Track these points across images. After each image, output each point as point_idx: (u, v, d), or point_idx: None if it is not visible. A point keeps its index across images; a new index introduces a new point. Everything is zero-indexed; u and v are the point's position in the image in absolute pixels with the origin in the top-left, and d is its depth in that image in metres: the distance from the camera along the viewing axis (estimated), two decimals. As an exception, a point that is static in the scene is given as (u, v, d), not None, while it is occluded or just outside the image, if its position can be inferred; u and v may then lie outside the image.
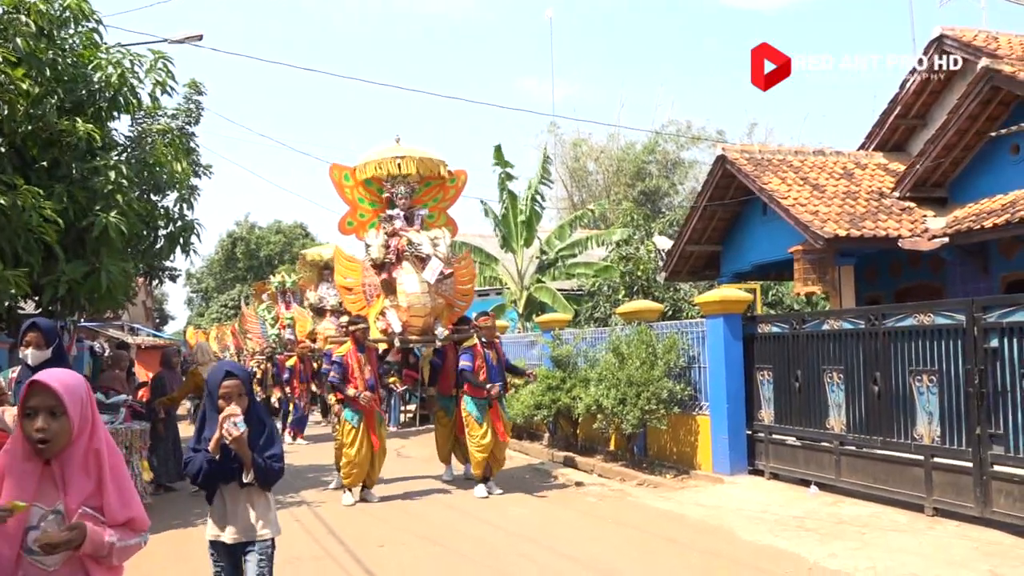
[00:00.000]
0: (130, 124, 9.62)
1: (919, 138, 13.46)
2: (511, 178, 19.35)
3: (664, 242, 21.33)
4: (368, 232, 9.85)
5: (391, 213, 9.83)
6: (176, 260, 10.58)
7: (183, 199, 9.69)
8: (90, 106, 8.65)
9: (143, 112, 9.54)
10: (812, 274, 12.05)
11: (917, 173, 12.27)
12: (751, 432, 9.30)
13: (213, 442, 3.59)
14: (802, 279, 12.09)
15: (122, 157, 8.90)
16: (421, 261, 9.48)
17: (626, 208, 20.80)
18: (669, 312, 15.91)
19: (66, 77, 8.39)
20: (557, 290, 19.03)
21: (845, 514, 7.33)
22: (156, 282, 11.74)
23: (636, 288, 17.42)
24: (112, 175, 8.05)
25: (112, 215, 7.93)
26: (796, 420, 8.66)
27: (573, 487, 9.59)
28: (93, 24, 8.94)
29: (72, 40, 8.92)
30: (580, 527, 7.56)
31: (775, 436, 8.98)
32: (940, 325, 6.95)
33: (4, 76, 7.32)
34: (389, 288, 9.55)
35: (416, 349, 10.05)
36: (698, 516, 7.67)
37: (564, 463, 11.22)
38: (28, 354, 5.41)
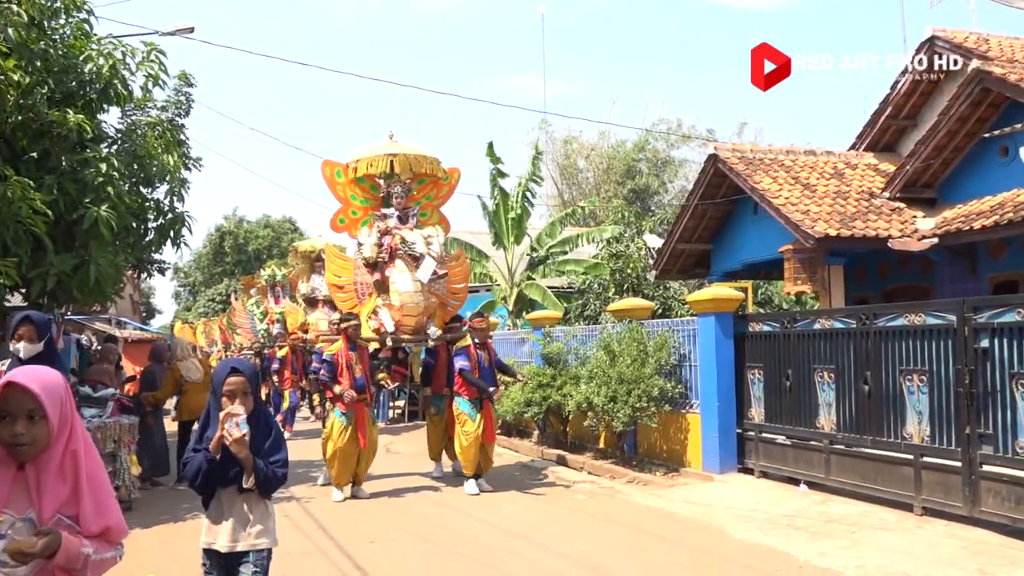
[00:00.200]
0: (120, 116, 9.54)
1: (909, 139, 13.53)
2: (502, 175, 19.32)
3: (654, 240, 21.37)
4: (360, 230, 9.73)
5: (385, 211, 9.74)
6: (165, 253, 10.53)
7: (173, 192, 9.61)
8: (80, 97, 8.57)
9: (133, 104, 9.46)
10: (802, 273, 12.10)
11: (907, 174, 12.34)
12: (741, 431, 9.33)
13: (214, 442, 3.41)
14: (792, 278, 12.14)
15: (112, 149, 8.83)
16: (414, 260, 9.40)
17: (617, 206, 20.83)
18: (659, 310, 15.94)
19: (57, 68, 8.32)
20: (547, 287, 19.02)
21: (835, 513, 7.38)
22: (145, 275, 11.68)
23: (626, 286, 17.44)
24: (103, 167, 7.99)
25: (103, 208, 7.88)
26: (786, 419, 8.70)
27: (563, 484, 9.60)
28: (84, 15, 8.87)
29: (63, 30, 8.84)
30: (570, 524, 7.56)
31: (765, 435, 9.02)
32: (931, 325, 7.00)
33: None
34: (382, 287, 9.48)
35: (406, 346, 10.01)
36: (688, 514, 7.70)
37: (554, 460, 11.23)
38: (20, 348, 5.34)
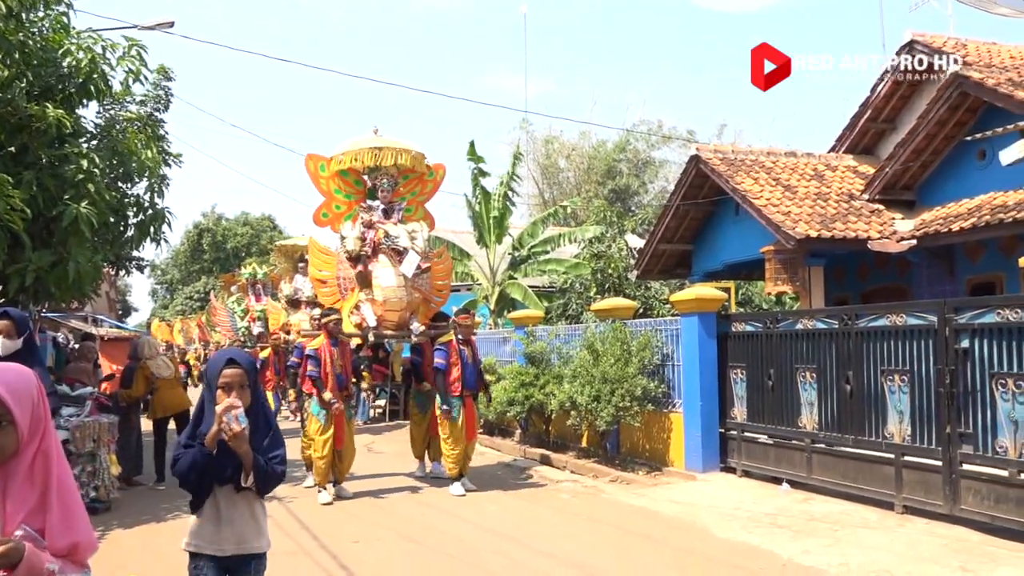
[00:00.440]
0: (98, 110, 9.40)
1: (888, 142, 13.70)
2: (484, 174, 19.32)
3: (635, 240, 21.45)
4: (343, 224, 9.64)
5: (371, 203, 9.65)
6: (145, 250, 10.40)
7: (153, 188, 9.48)
8: (59, 92, 8.43)
9: (112, 99, 9.32)
10: (783, 274, 12.20)
11: (886, 176, 12.48)
12: (723, 430, 9.37)
13: (210, 436, 3.21)
14: (773, 279, 12.24)
15: (92, 144, 8.70)
16: (398, 254, 9.32)
17: (599, 206, 20.86)
18: (640, 310, 16.00)
19: (35, 61, 8.18)
20: (529, 287, 19.04)
21: (816, 511, 7.43)
22: (123, 273, 11.54)
23: (608, 286, 17.50)
24: (83, 163, 7.87)
25: (82, 205, 7.76)
26: (768, 418, 8.75)
27: (546, 484, 9.60)
28: (63, 8, 8.74)
29: (42, 24, 8.70)
30: (555, 523, 7.56)
31: (747, 434, 9.07)
32: (912, 326, 7.07)
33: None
34: (364, 281, 9.38)
35: (387, 344, 9.94)
36: (672, 513, 7.72)
37: (536, 459, 11.23)
38: None
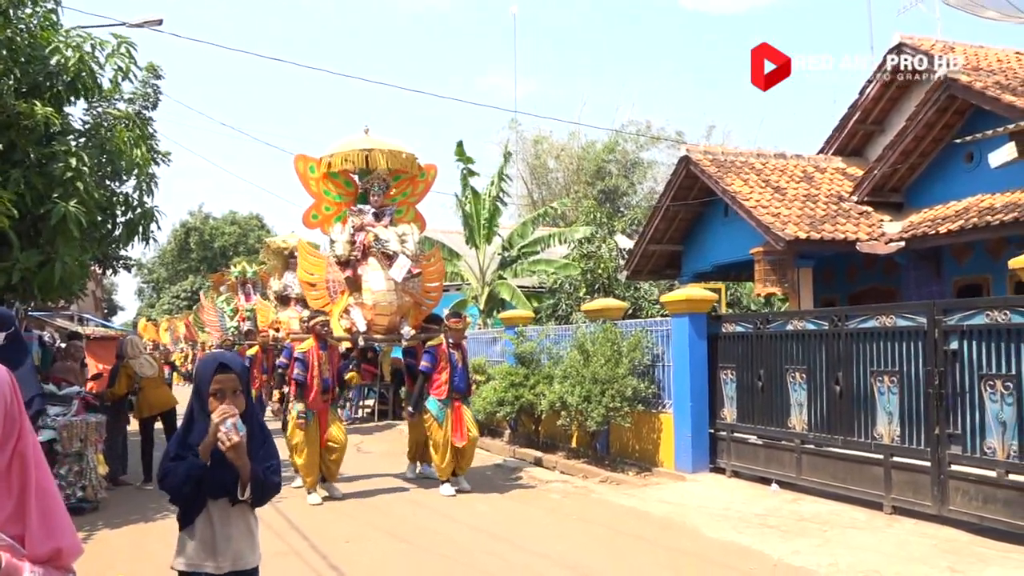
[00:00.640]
0: (85, 108, 9.32)
1: (877, 144, 13.77)
2: (473, 174, 19.33)
3: (624, 241, 21.49)
4: (333, 226, 9.54)
5: (361, 207, 9.56)
6: (132, 249, 10.32)
7: (141, 186, 9.41)
8: (47, 89, 8.35)
9: (100, 96, 9.24)
10: (772, 275, 12.25)
11: (875, 178, 12.55)
12: (713, 430, 9.40)
13: (205, 446, 2.98)
14: (762, 280, 12.28)
15: (80, 142, 8.62)
16: (388, 258, 9.24)
17: (588, 206, 20.89)
18: (630, 311, 16.02)
19: (23, 58, 8.10)
20: (519, 287, 19.05)
21: (806, 512, 7.46)
22: (111, 272, 11.45)
23: (597, 286, 17.53)
24: (72, 161, 7.80)
25: (71, 204, 7.68)
26: (758, 419, 8.79)
27: (537, 484, 9.60)
28: (51, 5, 8.66)
29: (29, 20, 8.62)
30: (546, 524, 7.56)
31: (737, 434, 9.10)
32: (902, 327, 7.11)
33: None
34: (354, 285, 9.32)
35: (376, 345, 9.90)
36: (662, 513, 7.74)
37: (526, 460, 11.23)
38: None
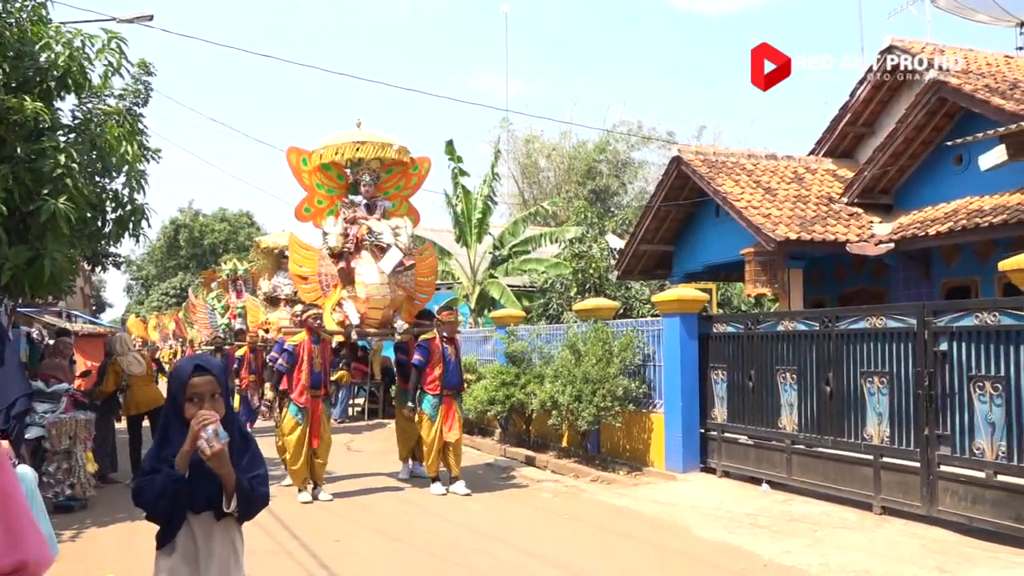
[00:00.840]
0: (75, 104, 9.25)
1: (867, 146, 13.83)
2: (463, 173, 19.32)
3: (615, 241, 21.50)
4: (326, 219, 9.44)
5: (352, 199, 9.48)
6: (123, 246, 10.26)
7: (132, 183, 9.34)
8: (36, 85, 8.29)
9: (90, 92, 9.17)
10: (763, 276, 12.29)
11: (865, 180, 12.62)
12: (704, 430, 9.43)
13: (182, 456, 2.69)
14: (753, 280, 12.32)
15: (70, 138, 8.56)
16: (381, 251, 9.17)
17: (579, 206, 20.90)
18: (621, 310, 16.04)
19: (12, 53, 8.03)
20: (510, 286, 19.06)
21: (796, 512, 7.50)
22: (100, 269, 11.39)
23: (588, 286, 17.53)
24: (61, 158, 7.74)
25: (61, 200, 7.62)
26: (749, 419, 8.82)
27: (528, 483, 9.61)
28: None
29: (19, 15, 8.54)
30: (537, 523, 7.57)
31: (728, 434, 9.13)
32: (892, 328, 7.15)
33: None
34: (347, 278, 9.26)
35: (368, 342, 9.85)
36: (653, 513, 7.76)
37: (517, 459, 11.23)
38: None
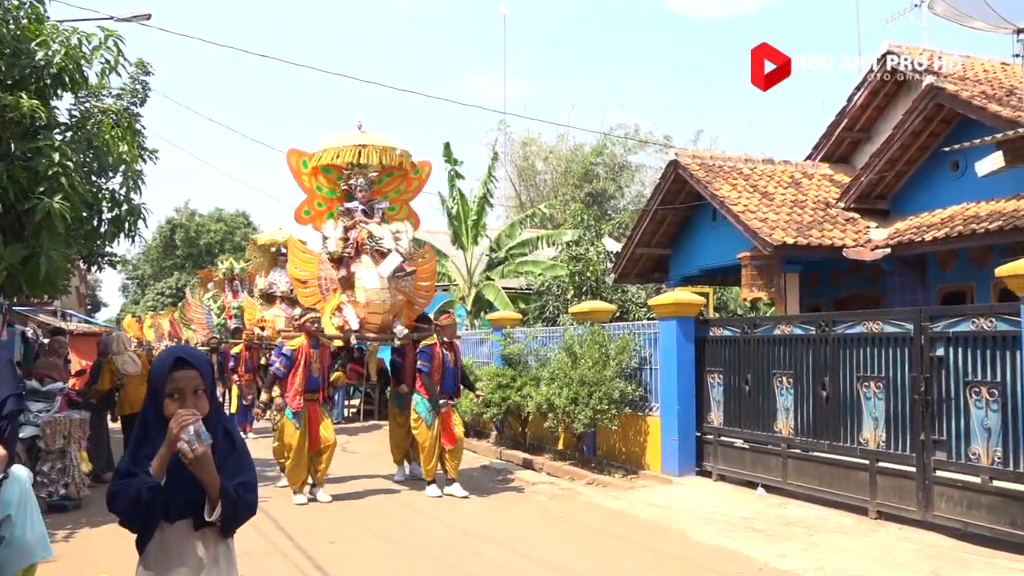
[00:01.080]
0: (72, 102, 9.23)
1: (864, 151, 13.86)
2: (460, 176, 19.34)
3: (612, 244, 21.51)
4: (326, 223, 9.44)
5: (349, 206, 9.45)
6: (119, 246, 10.23)
7: (128, 182, 9.31)
8: (33, 82, 8.26)
9: (87, 91, 9.15)
10: (759, 280, 12.30)
11: (861, 185, 12.64)
12: (700, 434, 9.43)
13: (159, 460, 2.40)
14: (749, 285, 12.32)
15: (66, 136, 8.54)
16: (382, 256, 9.12)
17: (576, 209, 20.91)
18: (617, 313, 16.04)
19: (8, 50, 8.01)
20: (504, 288, 19.06)
21: (792, 516, 7.50)
22: (96, 268, 11.33)
23: (585, 288, 17.53)
24: (57, 156, 7.71)
25: (56, 199, 7.59)
26: (745, 423, 8.82)
27: (523, 485, 9.59)
28: (38, -3, 8.56)
29: (16, 13, 8.52)
30: (533, 525, 7.57)
31: (723, 438, 9.13)
32: (888, 333, 7.16)
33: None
34: (347, 283, 9.23)
35: (362, 344, 9.81)
36: (649, 516, 7.75)
37: (512, 461, 11.22)
38: None
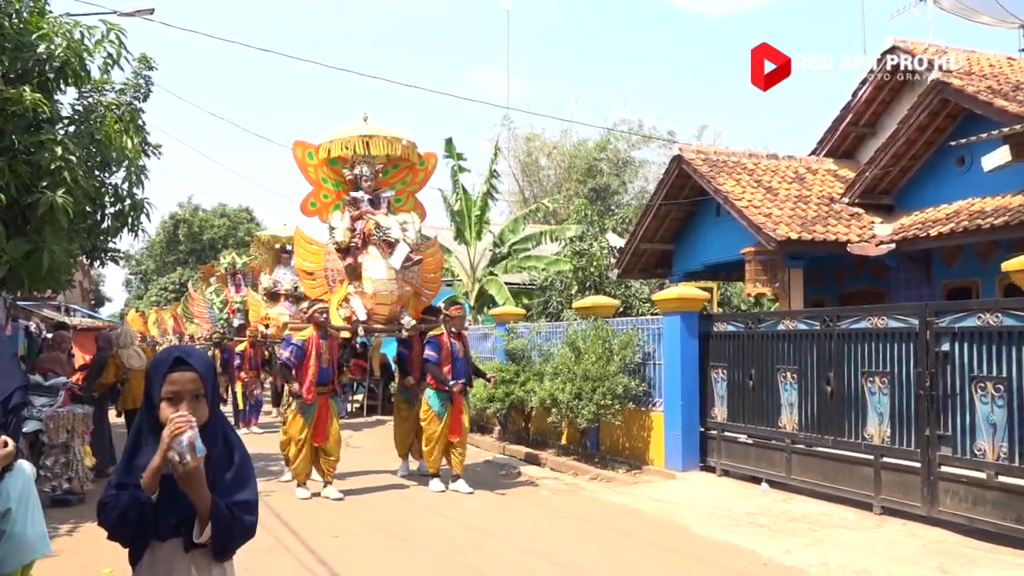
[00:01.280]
0: (76, 97, 9.21)
1: (869, 146, 13.82)
2: (463, 170, 19.32)
3: (616, 239, 21.49)
4: (332, 214, 9.38)
5: (355, 195, 9.38)
6: (122, 241, 10.22)
7: (131, 177, 9.30)
8: (35, 76, 8.24)
9: (90, 85, 9.14)
10: (763, 275, 12.28)
11: (866, 180, 12.60)
12: (704, 429, 9.41)
13: (149, 472, 2.22)
14: (753, 280, 12.30)
15: (69, 131, 8.52)
16: (389, 246, 9.05)
17: (579, 204, 20.89)
18: (621, 309, 16.02)
19: (11, 44, 7.99)
20: (507, 284, 19.07)
21: (796, 511, 7.48)
22: (99, 263, 11.32)
23: (588, 284, 17.52)
24: (59, 150, 7.70)
25: (59, 193, 7.58)
26: (749, 418, 8.80)
27: (527, 481, 9.58)
28: (41, -10, 8.55)
29: (18, 6, 8.50)
30: (536, 520, 7.55)
31: (727, 433, 9.11)
32: (893, 328, 7.13)
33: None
34: (354, 274, 9.18)
35: (367, 338, 9.78)
36: (653, 511, 7.74)
37: (516, 456, 11.21)
38: None
